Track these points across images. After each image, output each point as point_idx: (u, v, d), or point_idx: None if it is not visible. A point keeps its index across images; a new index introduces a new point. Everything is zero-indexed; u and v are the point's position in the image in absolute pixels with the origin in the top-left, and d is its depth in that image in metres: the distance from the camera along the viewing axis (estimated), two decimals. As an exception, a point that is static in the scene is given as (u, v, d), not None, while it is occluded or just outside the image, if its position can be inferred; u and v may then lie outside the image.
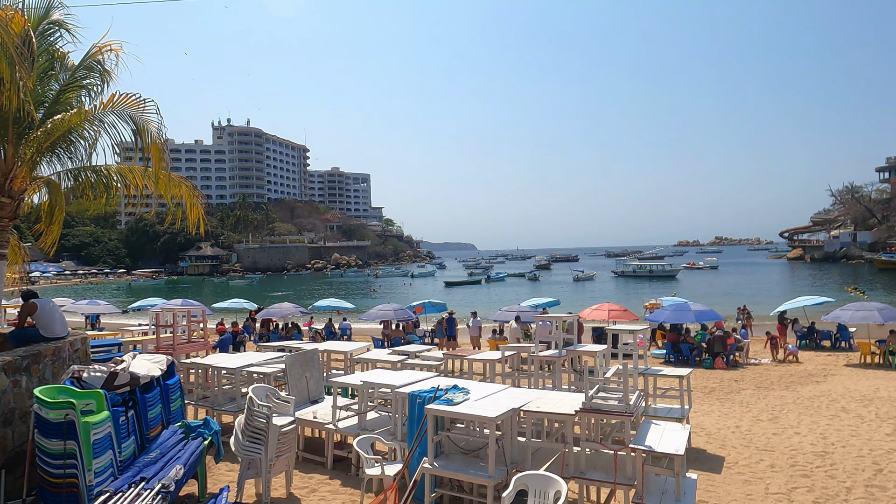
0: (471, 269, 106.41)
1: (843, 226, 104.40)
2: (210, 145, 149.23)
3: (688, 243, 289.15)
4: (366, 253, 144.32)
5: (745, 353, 18.89)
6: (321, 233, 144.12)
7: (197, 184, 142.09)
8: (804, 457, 8.77)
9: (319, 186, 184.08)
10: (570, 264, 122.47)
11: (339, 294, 57.45)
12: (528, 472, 5.57)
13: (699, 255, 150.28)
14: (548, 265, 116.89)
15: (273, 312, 22.59)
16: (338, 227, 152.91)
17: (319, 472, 8.14)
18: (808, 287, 56.82)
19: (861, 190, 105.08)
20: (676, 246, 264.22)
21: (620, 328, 8.39)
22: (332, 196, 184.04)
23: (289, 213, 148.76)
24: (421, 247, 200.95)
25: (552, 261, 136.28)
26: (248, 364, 9.74)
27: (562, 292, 55.71)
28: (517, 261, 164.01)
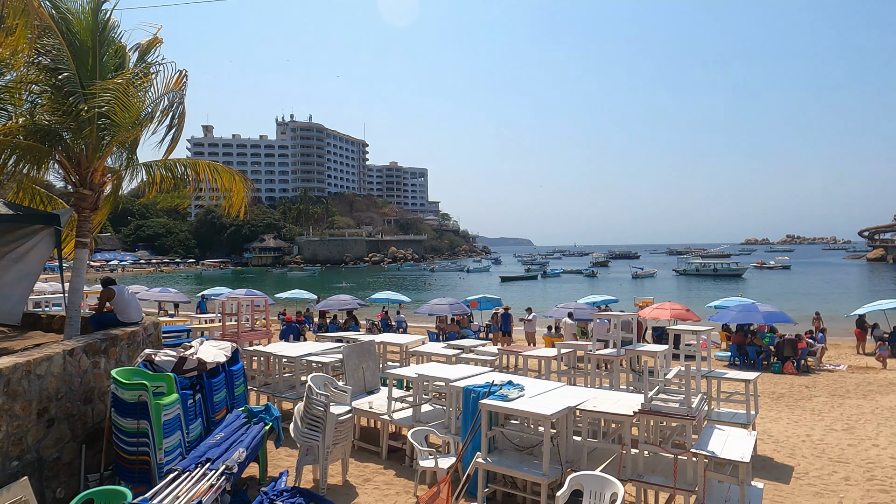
0: (527, 265, 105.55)
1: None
2: (274, 140, 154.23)
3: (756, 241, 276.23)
4: (422, 247, 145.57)
5: (818, 359, 17.90)
6: (379, 226, 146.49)
7: (261, 178, 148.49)
8: (883, 471, 8.23)
9: (378, 180, 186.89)
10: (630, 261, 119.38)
11: (396, 287, 58.21)
12: (584, 472, 5.47)
13: (769, 254, 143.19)
14: (606, 262, 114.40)
15: (331, 304, 23.11)
16: (395, 220, 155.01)
17: (374, 461, 8.29)
18: (890, 290, 53.17)
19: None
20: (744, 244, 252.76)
21: (682, 328, 8.11)
22: (389, 190, 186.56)
23: (348, 207, 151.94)
24: (477, 241, 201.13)
25: (611, 257, 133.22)
26: (308, 353, 10.00)
27: (619, 290, 54.34)
28: (574, 257, 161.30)
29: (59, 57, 7.51)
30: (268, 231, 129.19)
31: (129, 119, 7.46)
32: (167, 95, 7.67)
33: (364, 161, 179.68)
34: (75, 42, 7.69)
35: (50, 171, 8.43)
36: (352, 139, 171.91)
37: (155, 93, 7.74)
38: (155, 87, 7.73)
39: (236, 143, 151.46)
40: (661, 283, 68.96)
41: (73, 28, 7.77)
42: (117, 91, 7.23)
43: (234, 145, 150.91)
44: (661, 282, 70.33)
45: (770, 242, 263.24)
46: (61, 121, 7.68)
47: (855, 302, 30.14)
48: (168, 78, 7.67)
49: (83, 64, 7.71)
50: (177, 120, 8.04)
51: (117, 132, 7.65)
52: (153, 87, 7.88)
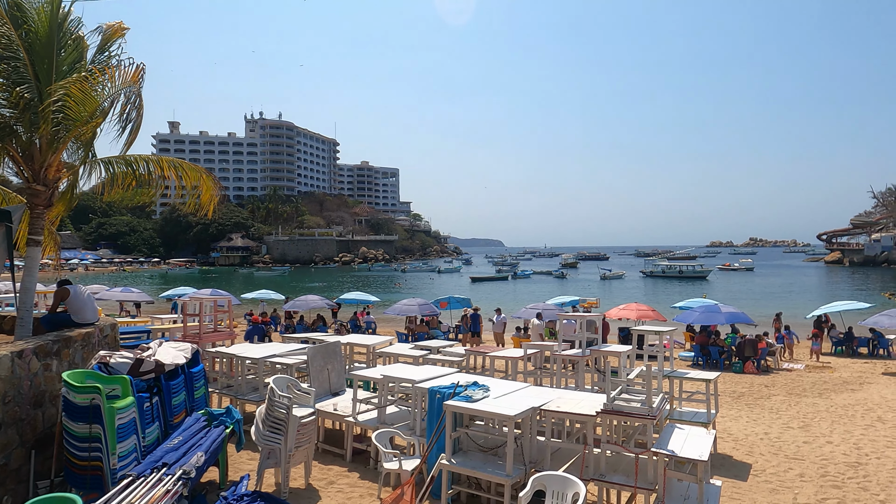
0: (497, 266, 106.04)
1: (885, 229, 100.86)
2: (242, 138, 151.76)
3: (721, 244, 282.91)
4: (393, 247, 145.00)
5: (776, 359, 18.41)
6: (349, 226, 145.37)
7: (229, 176, 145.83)
8: (836, 467, 8.49)
9: (349, 180, 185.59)
10: (599, 263, 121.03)
11: (366, 288, 57.86)
12: (547, 473, 5.49)
13: (733, 256, 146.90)
14: (575, 263, 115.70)
15: (299, 305, 22.84)
16: (366, 220, 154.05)
17: (338, 464, 8.19)
18: (847, 292, 55.08)
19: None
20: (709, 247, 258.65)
21: (646, 329, 8.23)
22: (360, 190, 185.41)
23: (318, 207, 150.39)
24: (448, 242, 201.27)
25: (580, 259, 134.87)
26: (272, 354, 9.84)
27: (588, 291, 55.04)
28: (545, 258, 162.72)
29: (9, 47, 7.23)
30: (236, 230, 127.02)
31: (85, 113, 7.22)
32: (125, 90, 7.44)
33: (335, 160, 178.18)
34: (31, 33, 7.41)
35: (2, 166, 8.12)
36: (322, 138, 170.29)
37: (113, 87, 7.50)
38: (112, 81, 7.49)
39: (203, 141, 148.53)
40: (629, 284, 70.09)
41: (30, 18, 7.49)
42: (73, 84, 7.00)
43: (201, 142, 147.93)
44: (629, 283, 71.49)
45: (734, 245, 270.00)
46: (14, 114, 7.39)
47: (813, 303, 31.12)
48: (126, 71, 7.44)
49: (39, 56, 7.44)
50: (134, 114, 7.81)
51: (73, 126, 7.40)
52: (111, 80, 7.65)
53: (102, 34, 8.31)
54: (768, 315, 26.01)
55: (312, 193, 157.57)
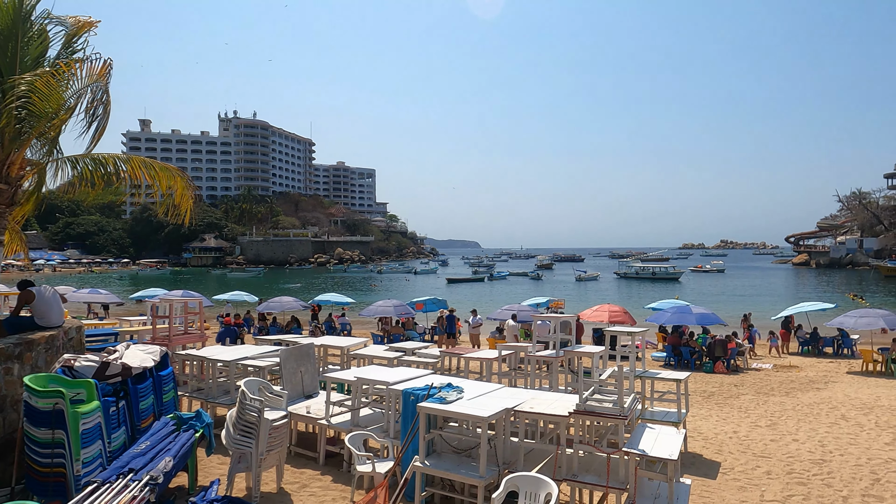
0: (474, 267, 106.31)
1: (850, 232, 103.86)
2: (216, 137, 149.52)
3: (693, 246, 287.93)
4: (369, 248, 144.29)
5: (746, 358, 18.79)
6: (325, 227, 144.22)
7: (202, 175, 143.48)
8: (801, 464, 8.69)
9: (324, 180, 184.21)
10: (574, 264, 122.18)
11: (341, 289, 57.48)
12: (519, 474, 5.51)
13: (704, 257, 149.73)
14: (550, 265, 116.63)
15: (273, 306, 22.57)
16: (342, 221, 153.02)
17: (311, 467, 8.11)
18: (813, 293, 56.55)
19: (869, 196, 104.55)
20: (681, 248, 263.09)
21: (618, 329, 8.32)
22: (336, 190, 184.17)
23: (293, 207, 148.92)
24: (425, 243, 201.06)
25: (555, 260, 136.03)
26: (243, 357, 9.71)
27: (563, 292, 55.56)
28: (521, 259, 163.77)
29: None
30: (208, 230, 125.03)
31: (50, 109, 7.04)
32: (91, 85, 7.27)
33: (310, 160, 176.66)
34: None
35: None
36: (298, 137, 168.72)
37: (79, 82, 7.32)
38: (78, 77, 7.30)
39: (176, 139, 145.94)
40: (603, 285, 70.92)
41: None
42: (38, 79, 6.80)
43: (173, 141, 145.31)
44: (604, 284, 72.33)
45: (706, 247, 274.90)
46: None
47: (781, 304, 31.86)
48: (93, 67, 7.27)
49: (2, 49, 7.22)
50: (101, 111, 7.63)
51: (37, 122, 7.20)
52: (77, 76, 7.46)
53: (70, 28, 8.11)
54: (739, 316, 26.55)
55: (287, 194, 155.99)
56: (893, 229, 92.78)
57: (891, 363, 17.04)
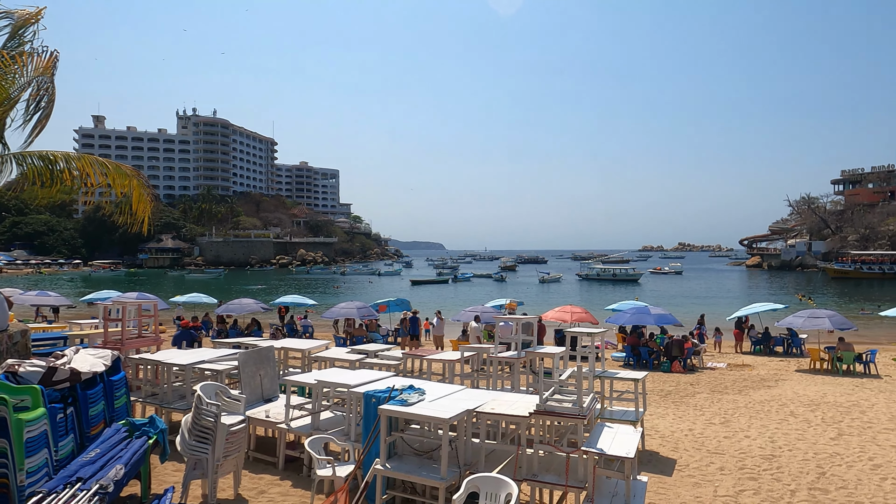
0: (438, 269, 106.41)
1: (800, 235, 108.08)
2: (174, 135, 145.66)
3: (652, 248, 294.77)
4: (333, 250, 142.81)
5: (701, 358, 19.32)
6: (287, 228, 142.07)
7: (159, 174, 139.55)
8: (752, 460, 8.98)
9: (287, 180, 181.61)
10: (538, 266, 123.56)
11: (304, 291, 56.72)
12: (480, 475, 5.53)
13: (663, 259, 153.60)
14: (513, 266, 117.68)
15: (233, 308, 22.10)
16: (304, 222, 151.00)
17: (270, 472, 7.96)
18: (765, 294, 58.58)
19: (817, 201, 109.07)
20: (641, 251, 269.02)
21: (578, 330, 8.44)
22: (299, 191, 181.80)
23: (254, 207, 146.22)
24: (389, 245, 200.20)
25: (519, 262, 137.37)
26: (200, 360, 9.47)
27: (527, 293, 56.15)
28: (485, 261, 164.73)
29: None
30: (166, 231, 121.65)
31: (-7, 103, 6.73)
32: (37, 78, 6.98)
33: (272, 160, 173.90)
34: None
35: None
36: (259, 137, 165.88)
37: (25, 75, 7.02)
38: (25, 70, 7.01)
39: (132, 136, 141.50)
40: (566, 286, 71.92)
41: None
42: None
43: (128, 138, 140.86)
44: (566, 286, 73.35)
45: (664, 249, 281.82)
46: None
47: (736, 305, 32.89)
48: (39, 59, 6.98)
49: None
50: (45, 103, 7.33)
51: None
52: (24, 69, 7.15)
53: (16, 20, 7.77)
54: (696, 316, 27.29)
55: (248, 194, 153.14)
56: (839, 233, 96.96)
57: (836, 361, 17.78)
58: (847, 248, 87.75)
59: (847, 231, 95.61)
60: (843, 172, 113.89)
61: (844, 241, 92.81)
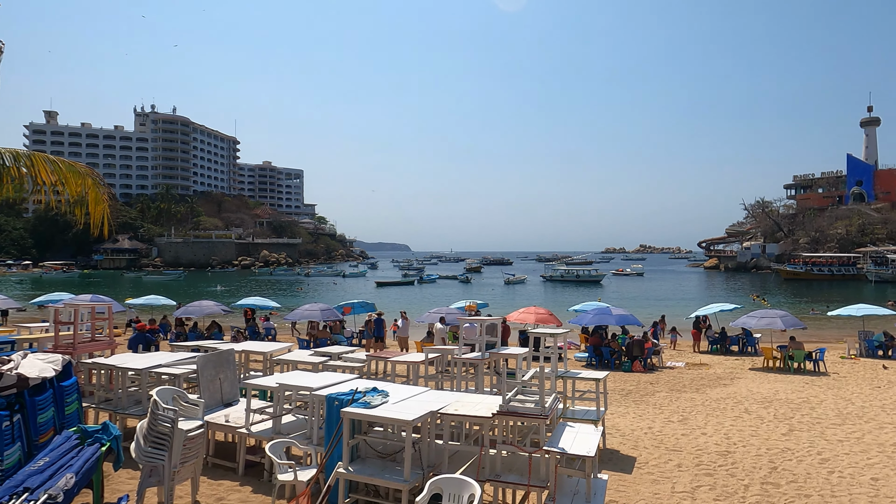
0: (404, 270, 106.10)
1: (754, 238, 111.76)
2: (132, 132, 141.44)
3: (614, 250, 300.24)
4: (297, 251, 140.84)
5: (661, 357, 19.77)
6: (250, 228, 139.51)
7: (115, 172, 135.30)
8: (709, 456, 9.23)
9: (250, 180, 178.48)
10: (503, 267, 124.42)
11: (267, 293, 55.81)
12: (443, 476, 5.53)
13: (625, 261, 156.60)
14: (479, 268, 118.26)
15: (192, 310, 21.59)
16: (268, 223, 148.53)
17: (230, 478, 7.80)
18: (721, 294, 60.33)
19: (771, 205, 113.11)
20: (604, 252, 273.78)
21: (541, 331, 8.53)
22: (262, 191, 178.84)
23: (216, 207, 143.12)
24: (354, 246, 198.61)
25: (484, 264, 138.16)
26: (157, 365, 9.21)
27: (492, 295, 56.50)
28: (451, 263, 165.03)
29: None
30: (122, 231, 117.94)
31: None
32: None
33: (234, 159, 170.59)
34: None
35: None
36: (221, 135, 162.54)
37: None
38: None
39: (86, 133, 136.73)
40: (530, 288, 72.65)
41: None
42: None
43: (83, 135, 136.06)
44: (531, 287, 74.10)
45: (626, 251, 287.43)
46: None
47: (694, 305, 33.76)
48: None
49: None
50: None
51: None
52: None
53: None
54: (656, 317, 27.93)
55: (210, 193, 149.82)
56: (792, 236, 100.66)
57: (788, 360, 18.44)
58: (798, 251, 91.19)
59: (799, 234, 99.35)
60: (795, 177, 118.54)
61: (796, 243, 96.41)
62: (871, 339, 21.67)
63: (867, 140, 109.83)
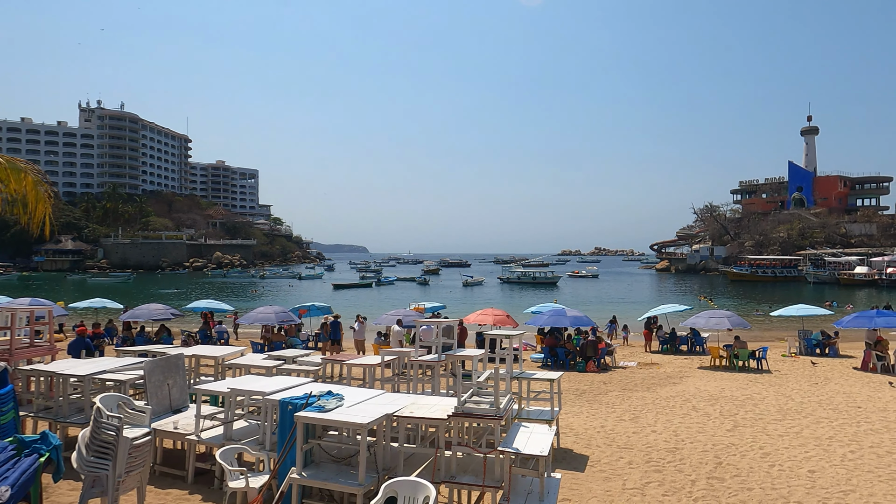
0: (361, 273, 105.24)
1: (703, 241, 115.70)
2: (76, 128, 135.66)
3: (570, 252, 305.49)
4: (251, 252, 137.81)
5: (614, 357, 20.24)
6: (202, 229, 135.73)
7: (58, 170, 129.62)
8: (658, 453, 9.50)
9: (202, 180, 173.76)
10: (461, 269, 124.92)
11: (220, 295, 54.43)
12: (398, 479, 5.52)
13: (580, 263, 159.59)
14: (437, 270, 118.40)
15: (140, 314, 20.86)
16: (221, 223, 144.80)
17: (179, 486, 7.58)
18: (672, 295, 62.17)
19: (718, 209, 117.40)
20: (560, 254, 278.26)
21: (497, 333, 8.61)
22: (215, 191, 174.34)
23: (166, 207, 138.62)
24: (310, 248, 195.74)
25: (442, 266, 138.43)
26: (101, 371, 8.86)
27: (449, 297, 56.64)
28: (409, 265, 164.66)
29: None
30: (65, 231, 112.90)
31: None
32: None
33: (186, 158, 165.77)
34: None
35: None
36: (172, 133, 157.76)
37: None
38: None
39: (26, 129, 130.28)
40: (488, 290, 73.18)
41: None
42: None
43: (22, 130, 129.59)
44: (488, 289, 74.64)
45: (582, 253, 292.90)
46: None
47: (646, 306, 34.69)
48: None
49: None
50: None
51: None
52: None
53: None
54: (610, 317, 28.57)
55: (160, 193, 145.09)
56: (738, 239, 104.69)
57: (733, 358, 19.15)
58: (744, 253, 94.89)
59: (744, 237, 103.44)
60: (741, 183, 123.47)
61: (742, 246, 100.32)
62: (809, 338, 22.74)
63: (807, 148, 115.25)
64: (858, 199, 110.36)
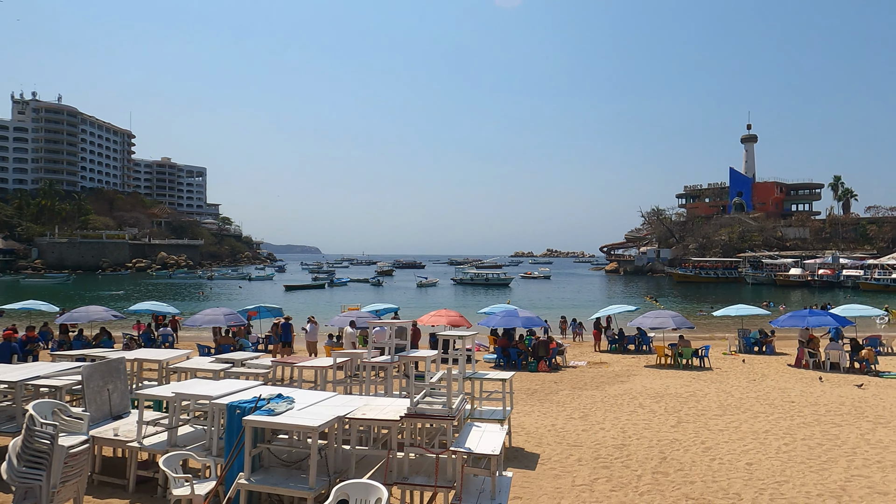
0: (314, 273, 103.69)
1: (650, 243, 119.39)
2: (8, 121, 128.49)
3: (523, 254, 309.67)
4: (199, 253, 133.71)
5: (565, 357, 20.62)
6: (146, 229, 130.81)
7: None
8: (606, 450, 9.74)
9: (146, 177, 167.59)
10: (415, 271, 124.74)
11: (165, 297, 52.58)
12: (349, 481, 5.46)
13: (533, 265, 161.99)
14: (391, 271, 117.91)
15: (78, 316, 19.92)
16: (166, 223, 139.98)
17: (119, 495, 7.28)
18: (620, 296, 63.88)
19: (664, 213, 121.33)
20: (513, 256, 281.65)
21: (450, 333, 8.65)
22: (161, 189, 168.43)
23: (107, 206, 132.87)
24: (261, 248, 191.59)
25: (396, 267, 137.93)
26: (35, 376, 8.42)
27: (403, 298, 56.52)
28: (362, 266, 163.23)
29: None
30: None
31: None
32: None
33: (129, 154, 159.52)
34: None
35: None
36: (114, 128, 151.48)
37: None
38: None
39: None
40: (442, 291, 73.36)
41: None
42: None
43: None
44: (442, 290, 74.83)
45: (534, 255, 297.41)
46: None
47: (595, 307, 35.50)
48: None
49: None
50: None
51: None
52: None
53: None
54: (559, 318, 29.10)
55: (100, 190, 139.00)
56: (682, 241, 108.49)
57: (678, 357, 19.83)
58: (688, 255, 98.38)
59: (688, 240, 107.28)
60: (686, 188, 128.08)
61: (686, 248, 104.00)
62: (748, 337, 23.80)
63: (746, 155, 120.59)
64: (793, 204, 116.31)
